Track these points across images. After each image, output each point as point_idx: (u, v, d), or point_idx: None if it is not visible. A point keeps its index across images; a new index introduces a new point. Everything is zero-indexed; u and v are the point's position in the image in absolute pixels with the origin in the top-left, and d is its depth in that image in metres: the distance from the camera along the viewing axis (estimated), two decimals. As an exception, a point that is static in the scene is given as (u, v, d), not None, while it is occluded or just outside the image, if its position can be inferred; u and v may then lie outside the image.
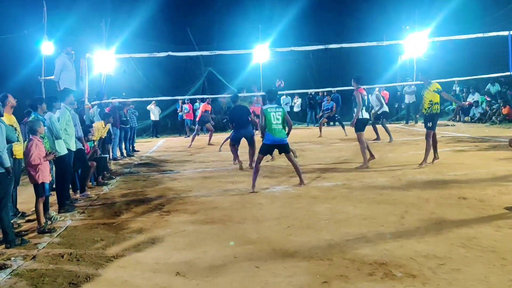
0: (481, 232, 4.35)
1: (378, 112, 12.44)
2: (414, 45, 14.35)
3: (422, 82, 8.50)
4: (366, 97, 8.79)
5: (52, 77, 9.28)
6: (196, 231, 5.01)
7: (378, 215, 5.18)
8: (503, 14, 16.11)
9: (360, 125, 8.42)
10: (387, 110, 12.99)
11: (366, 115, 8.62)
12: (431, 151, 8.15)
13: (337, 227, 4.84)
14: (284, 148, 7.07)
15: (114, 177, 8.91)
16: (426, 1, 21.02)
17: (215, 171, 9.05)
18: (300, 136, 15.70)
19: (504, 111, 15.22)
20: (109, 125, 9.51)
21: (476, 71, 15.37)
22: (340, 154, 10.39)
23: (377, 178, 7.35)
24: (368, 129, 9.06)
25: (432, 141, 8.10)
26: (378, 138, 12.34)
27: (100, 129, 8.95)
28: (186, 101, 18.53)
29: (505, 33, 10.88)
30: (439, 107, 8.16)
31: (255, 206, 5.98)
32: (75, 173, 7.16)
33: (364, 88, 9.02)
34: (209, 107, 15.26)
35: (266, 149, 7.12)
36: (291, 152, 7.67)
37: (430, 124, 8.04)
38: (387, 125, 12.84)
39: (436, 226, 4.63)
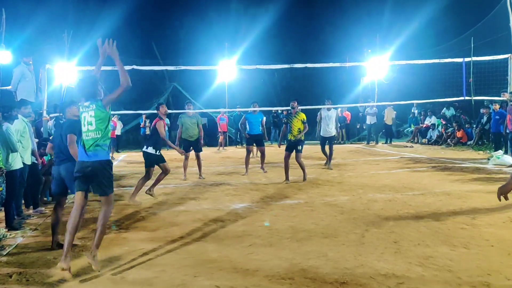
0: (437, 251, 4.46)
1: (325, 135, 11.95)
2: (376, 68, 14.86)
3: (292, 109, 9.27)
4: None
5: (9, 87, 8.91)
6: (155, 249, 4.87)
7: (339, 234, 5.22)
8: (457, 42, 16.99)
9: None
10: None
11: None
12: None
13: (299, 246, 4.83)
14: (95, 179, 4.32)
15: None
16: (387, 26, 21.94)
17: (177, 188, 8.90)
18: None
19: (458, 134, 15.91)
20: None
21: (432, 95, 16.08)
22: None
23: (338, 196, 7.44)
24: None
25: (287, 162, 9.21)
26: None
27: None
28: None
29: (460, 60, 11.47)
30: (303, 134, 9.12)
31: (217, 223, 5.90)
32: (28, 187, 6.82)
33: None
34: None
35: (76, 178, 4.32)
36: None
37: (300, 148, 9.14)
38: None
39: (395, 245, 4.72)
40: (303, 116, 9.07)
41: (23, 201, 6.70)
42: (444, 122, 17.08)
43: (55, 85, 11.08)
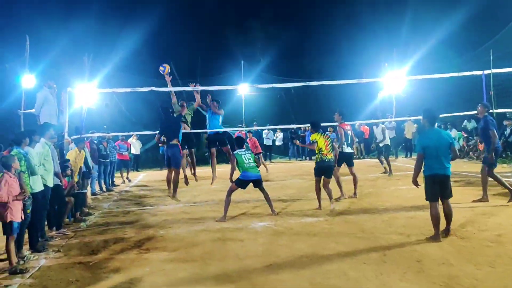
0: (462, 271, 4.34)
1: (380, 145, 12.61)
2: (393, 83, 14.75)
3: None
4: (349, 132, 8.93)
5: (33, 110, 9.14)
6: (176, 270, 4.88)
7: (360, 252, 5.15)
8: (476, 54, 16.80)
9: (339, 160, 8.59)
10: (389, 143, 13.09)
11: (348, 149, 8.79)
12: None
13: (319, 265, 4.78)
14: (259, 182, 7.74)
15: (92, 213, 8.69)
16: (404, 40, 21.84)
17: (196, 207, 8.93)
18: (282, 170, 15.72)
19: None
20: (84, 152, 9.12)
21: (452, 108, 15.80)
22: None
23: (358, 213, 7.35)
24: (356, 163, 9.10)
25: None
26: (386, 171, 12.43)
27: (76, 157, 8.64)
28: (121, 138, 14.57)
29: (479, 72, 11.26)
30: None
31: (236, 243, 5.89)
32: (52, 209, 6.95)
33: (347, 124, 9.17)
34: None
35: (242, 184, 7.71)
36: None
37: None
38: (389, 159, 12.90)
39: (418, 264, 4.62)
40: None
41: (46, 223, 6.83)
42: (465, 135, 16.78)
43: (75, 107, 11.30)
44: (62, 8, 21.03)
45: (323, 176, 7.97)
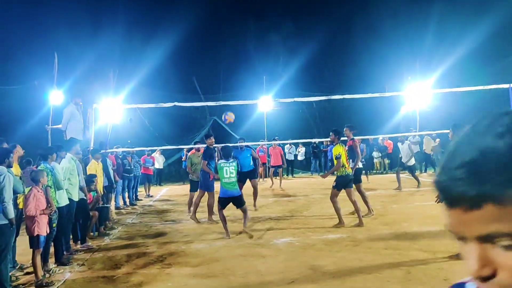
0: (492, 290, 4.20)
1: (409, 164, 12.42)
2: (416, 96, 14.55)
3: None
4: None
5: (59, 126, 9.39)
6: (198, 285, 4.89)
7: (384, 270, 5.04)
8: (502, 66, 16.45)
9: (359, 177, 8.49)
10: (414, 162, 13.01)
11: (360, 165, 8.73)
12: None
13: (342, 282, 4.70)
14: (238, 201, 7.32)
15: (116, 227, 8.81)
16: (427, 53, 21.59)
17: (219, 222, 8.93)
18: (304, 185, 15.62)
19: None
20: (101, 163, 9.16)
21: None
22: (345, 204, 10.26)
23: (382, 230, 7.22)
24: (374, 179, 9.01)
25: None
26: (398, 188, 12.29)
27: (97, 168, 8.71)
28: (147, 153, 14.78)
29: (506, 86, 11.00)
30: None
31: (258, 259, 5.86)
32: (77, 223, 7.08)
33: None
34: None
35: (223, 203, 7.32)
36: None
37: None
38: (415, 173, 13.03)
39: (445, 283, 4.49)
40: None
41: (71, 236, 6.95)
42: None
43: (101, 123, 11.54)
44: (89, 26, 21.66)
45: (343, 189, 7.81)
